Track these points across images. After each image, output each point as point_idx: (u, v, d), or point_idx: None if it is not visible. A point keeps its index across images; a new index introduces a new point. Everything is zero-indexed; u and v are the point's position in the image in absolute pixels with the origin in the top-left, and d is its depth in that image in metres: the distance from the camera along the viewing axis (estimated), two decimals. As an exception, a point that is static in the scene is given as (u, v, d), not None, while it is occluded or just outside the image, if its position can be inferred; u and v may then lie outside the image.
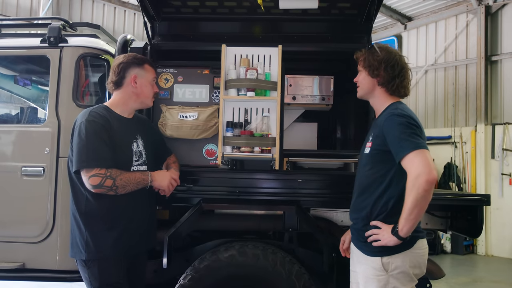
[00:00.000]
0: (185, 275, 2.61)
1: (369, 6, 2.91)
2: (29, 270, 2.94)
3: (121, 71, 2.40)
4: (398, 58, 2.17)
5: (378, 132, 2.10)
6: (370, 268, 2.06)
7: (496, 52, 8.17)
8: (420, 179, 1.87)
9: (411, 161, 1.92)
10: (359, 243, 2.18)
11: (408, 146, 1.94)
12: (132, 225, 2.35)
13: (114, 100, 2.44)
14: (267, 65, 2.77)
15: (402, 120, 2.01)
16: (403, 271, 2.01)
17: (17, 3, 7.63)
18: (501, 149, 7.88)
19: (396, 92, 2.18)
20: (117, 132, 2.33)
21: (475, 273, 6.83)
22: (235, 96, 2.71)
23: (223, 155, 2.62)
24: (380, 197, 2.08)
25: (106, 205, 2.27)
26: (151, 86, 2.51)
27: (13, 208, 2.96)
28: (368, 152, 2.15)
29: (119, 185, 2.21)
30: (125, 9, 9.04)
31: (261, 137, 2.64)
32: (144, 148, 2.46)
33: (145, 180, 2.34)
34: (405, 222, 1.92)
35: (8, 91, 3.82)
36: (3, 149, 3.03)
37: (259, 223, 2.90)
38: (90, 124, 2.23)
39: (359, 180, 2.24)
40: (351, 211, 2.28)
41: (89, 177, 2.17)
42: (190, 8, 3.16)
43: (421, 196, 1.88)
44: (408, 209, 1.91)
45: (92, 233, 2.25)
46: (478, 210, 2.73)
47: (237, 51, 2.78)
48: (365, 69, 2.22)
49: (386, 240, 1.98)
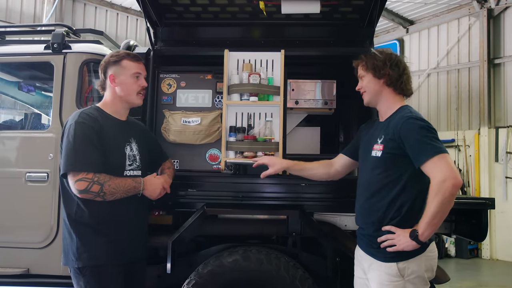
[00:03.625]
0: (189, 280, 2.61)
1: (371, 10, 2.92)
2: (33, 276, 2.94)
3: (102, 73, 2.35)
4: (399, 58, 2.19)
5: (392, 136, 2.04)
6: (384, 274, 2.01)
7: (499, 55, 8.15)
8: (447, 183, 1.84)
9: (435, 165, 1.89)
10: (370, 250, 2.12)
11: (431, 150, 1.91)
12: (126, 231, 2.27)
13: (105, 100, 2.37)
14: (269, 69, 2.79)
15: (423, 124, 1.98)
16: (419, 275, 1.99)
17: (20, 10, 7.68)
18: (505, 152, 7.85)
19: (404, 91, 2.17)
20: (109, 134, 2.24)
21: (480, 277, 6.79)
22: (238, 101, 2.73)
23: (226, 160, 2.64)
24: (393, 201, 2.03)
25: (98, 210, 2.17)
26: (133, 81, 2.34)
27: (18, 213, 2.97)
28: (379, 156, 2.09)
29: (107, 191, 2.10)
30: (128, 15, 9.08)
31: (264, 141, 2.67)
32: (138, 152, 2.37)
33: (136, 188, 2.23)
34: (427, 226, 1.89)
35: (12, 97, 3.84)
36: (8, 155, 3.05)
37: (262, 228, 2.89)
38: (79, 126, 2.14)
39: (366, 184, 2.17)
40: (359, 215, 2.22)
41: (75, 181, 2.07)
42: (193, 13, 3.17)
43: (447, 200, 1.85)
44: (432, 213, 1.87)
45: (84, 240, 2.16)
46: (482, 214, 2.72)
47: (240, 56, 2.81)
48: (369, 72, 2.19)
49: (403, 245, 1.94)
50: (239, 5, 3.03)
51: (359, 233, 2.24)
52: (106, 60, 2.35)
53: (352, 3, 2.97)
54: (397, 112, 2.12)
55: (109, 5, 8.77)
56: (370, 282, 2.10)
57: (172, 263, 2.58)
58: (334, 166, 2.49)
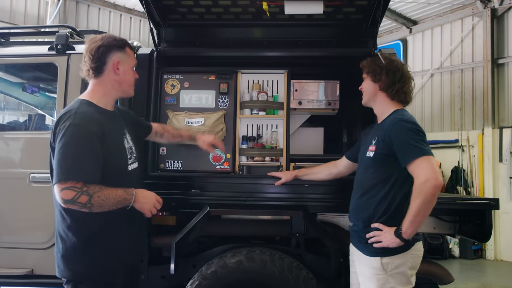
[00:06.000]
0: (193, 281, 2.61)
1: (375, 10, 2.92)
2: (38, 276, 2.95)
3: (102, 55, 2.06)
4: (399, 66, 2.28)
5: (383, 137, 2.16)
6: (369, 268, 2.14)
7: (503, 55, 8.12)
8: (428, 183, 1.96)
9: (418, 166, 2.00)
10: (359, 245, 2.23)
11: (417, 151, 2.02)
12: (128, 233, 2.11)
13: (94, 91, 2.11)
14: (275, 88, 3.10)
15: (411, 127, 2.09)
16: (402, 272, 2.09)
17: (24, 11, 7.70)
18: (509, 152, 7.81)
19: (396, 97, 2.26)
20: (111, 134, 2.05)
21: (484, 278, 6.75)
22: (249, 115, 3.04)
23: (240, 163, 2.97)
24: (382, 200, 2.14)
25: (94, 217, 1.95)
26: (132, 71, 2.20)
27: (22, 214, 2.98)
28: (371, 156, 2.22)
29: (95, 203, 1.86)
30: (131, 16, 9.10)
31: (271, 148, 3.00)
32: (132, 143, 2.22)
33: (127, 201, 1.98)
34: (409, 224, 2.00)
35: (17, 98, 3.86)
36: (12, 155, 3.06)
37: (266, 229, 2.90)
38: (76, 129, 1.90)
39: (359, 183, 2.30)
40: (352, 212, 2.34)
41: (62, 189, 1.84)
42: (196, 14, 3.18)
43: (428, 200, 1.97)
44: (414, 212, 1.98)
45: (78, 249, 1.96)
46: (486, 214, 2.71)
47: (250, 77, 3.09)
48: (368, 75, 2.32)
49: (388, 241, 2.05)
50: (242, 6, 3.04)
51: (351, 230, 2.35)
52: (107, 43, 2.09)
53: (355, 4, 2.97)
54: (390, 115, 2.24)
55: (112, 6, 8.79)
56: (358, 275, 2.25)
57: (175, 264, 2.59)
58: (337, 167, 2.67)
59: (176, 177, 2.88)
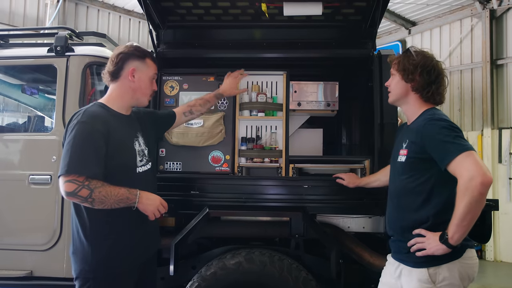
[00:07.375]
0: (192, 283, 2.61)
1: (373, 11, 2.92)
2: (37, 278, 2.95)
3: (120, 61, 2.19)
4: (435, 63, 2.05)
5: (414, 139, 1.98)
6: (415, 281, 1.92)
7: (502, 56, 8.12)
8: (474, 181, 1.72)
9: (460, 164, 1.78)
10: (399, 255, 2.05)
11: (456, 149, 1.80)
12: (138, 232, 2.16)
13: (111, 94, 2.23)
14: (274, 89, 3.10)
15: (444, 124, 1.90)
16: (452, 283, 1.88)
17: (24, 13, 7.70)
18: (508, 153, 7.81)
19: (431, 99, 2.06)
20: (118, 133, 2.11)
21: (484, 279, 6.75)
22: (248, 116, 3.05)
23: (239, 165, 2.97)
24: (420, 208, 1.95)
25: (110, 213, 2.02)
26: (150, 83, 2.28)
27: (21, 216, 2.98)
28: (403, 160, 2.03)
29: (96, 198, 1.93)
30: (130, 18, 9.10)
31: (270, 150, 2.99)
32: (145, 146, 2.28)
33: (130, 200, 2.03)
34: (456, 228, 1.78)
35: (16, 100, 3.86)
36: (11, 157, 3.06)
37: (265, 230, 2.89)
38: (82, 126, 1.99)
39: (393, 192, 2.12)
40: (388, 224, 2.16)
41: (65, 182, 1.92)
42: (195, 16, 3.18)
43: (476, 200, 1.73)
44: (461, 214, 1.76)
45: (94, 245, 2.03)
46: (486, 215, 2.70)
47: (249, 79, 3.08)
48: (399, 72, 2.09)
49: (433, 248, 1.84)
50: (241, 7, 3.04)
51: (390, 242, 2.16)
52: (128, 51, 2.22)
53: (354, 5, 2.97)
54: (421, 115, 2.04)
55: (111, 8, 8.79)
56: None
57: (175, 265, 2.59)
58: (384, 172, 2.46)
59: (176, 178, 2.89)
